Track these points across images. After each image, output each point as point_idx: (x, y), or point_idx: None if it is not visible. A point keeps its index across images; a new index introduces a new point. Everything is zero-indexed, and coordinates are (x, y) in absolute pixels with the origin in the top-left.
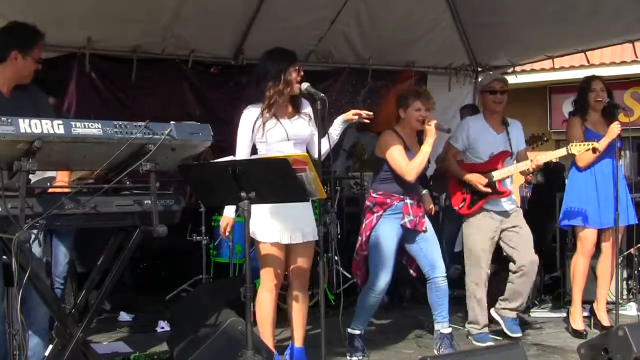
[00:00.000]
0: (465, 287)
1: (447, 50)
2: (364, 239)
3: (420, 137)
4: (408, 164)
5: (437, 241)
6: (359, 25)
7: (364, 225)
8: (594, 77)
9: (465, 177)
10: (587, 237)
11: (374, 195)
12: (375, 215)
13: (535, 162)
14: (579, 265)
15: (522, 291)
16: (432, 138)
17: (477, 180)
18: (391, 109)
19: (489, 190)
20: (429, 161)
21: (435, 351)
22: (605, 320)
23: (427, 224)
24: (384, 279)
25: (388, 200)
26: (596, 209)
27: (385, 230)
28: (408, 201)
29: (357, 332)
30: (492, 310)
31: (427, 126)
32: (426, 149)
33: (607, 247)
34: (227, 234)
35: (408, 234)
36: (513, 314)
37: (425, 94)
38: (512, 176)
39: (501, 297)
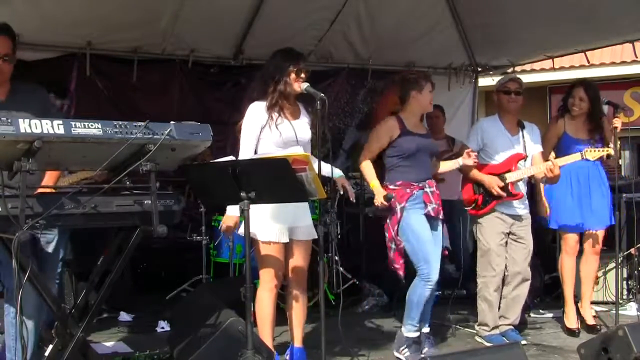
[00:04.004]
0: (477, 288)
1: (447, 50)
2: (394, 232)
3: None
4: (366, 160)
5: (440, 242)
6: (358, 26)
7: (388, 221)
8: (579, 84)
9: (479, 177)
10: (569, 238)
11: (391, 187)
12: (398, 207)
13: (550, 166)
14: (566, 265)
15: (514, 305)
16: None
17: (493, 183)
18: (393, 103)
19: (503, 194)
20: None
21: (402, 356)
22: (589, 319)
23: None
24: (436, 267)
25: (408, 190)
26: (574, 214)
27: (416, 220)
28: (428, 189)
29: (416, 334)
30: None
31: (379, 202)
32: (371, 186)
33: (588, 248)
34: (229, 234)
35: None
36: (510, 326)
37: (430, 76)
38: (525, 179)
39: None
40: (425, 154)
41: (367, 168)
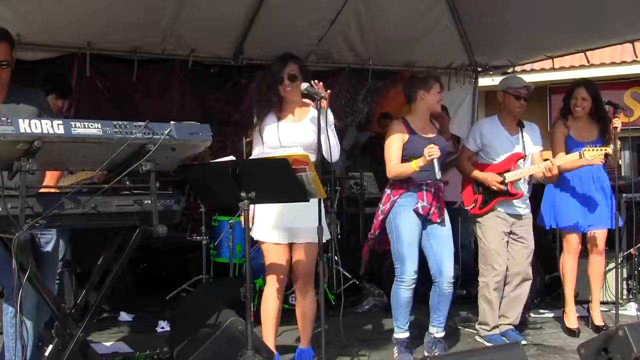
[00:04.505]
0: (478, 287)
1: (447, 50)
2: (377, 222)
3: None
4: (395, 164)
5: (451, 244)
6: (358, 26)
7: (380, 211)
8: (580, 83)
9: (479, 176)
10: (571, 238)
11: (391, 181)
12: (390, 200)
13: (548, 166)
14: (567, 265)
15: (515, 304)
16: (424, 163)
17: (492, 179)
18: (393, 105)
19: (503, 188)
20: None
21: (427, 354)
22: (597, 320)
23: (446, 221)
24: (411, 268)
25: (404, 185)
26: (577, 214)
27: (402, 217)
28: (424, 188)
29: (404, 335)
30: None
31: (427, 155)
32: (414, 168)
33: (592, 249)
34: None
35: (424, 226)
36: (510, 326)
37: (440, 77)
38: (527, 178)
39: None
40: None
41: (398, 166)
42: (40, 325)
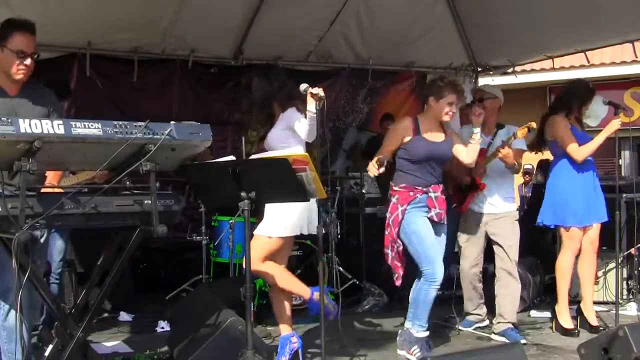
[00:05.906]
0: None
1: (447, 50)
2: (394, 234)
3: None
4: (380, 151)
5: (445, 245)
6: (358, 26)
7: (390, 221)
8: (594, 92)
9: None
10: (574, 236)
11: (395, 188)
12: (400, 209)
13: (498, 147)
14: (565, 264)
15: (506, 301)
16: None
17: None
18: (393, 105)
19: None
20: None
21: (413, 356)
22: (593, 320)
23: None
24: (441, 267)
25: (411, 193)
26: (580, 207)
27: (418, 222)
28: (432, 194)
29: (425, 334)
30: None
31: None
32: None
33: (587, 247)
34: None
35: None
36: (509, 324)
37: (461, 89)
38: (514, 180)
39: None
40: (436, 160)
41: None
42: (32, 324)
